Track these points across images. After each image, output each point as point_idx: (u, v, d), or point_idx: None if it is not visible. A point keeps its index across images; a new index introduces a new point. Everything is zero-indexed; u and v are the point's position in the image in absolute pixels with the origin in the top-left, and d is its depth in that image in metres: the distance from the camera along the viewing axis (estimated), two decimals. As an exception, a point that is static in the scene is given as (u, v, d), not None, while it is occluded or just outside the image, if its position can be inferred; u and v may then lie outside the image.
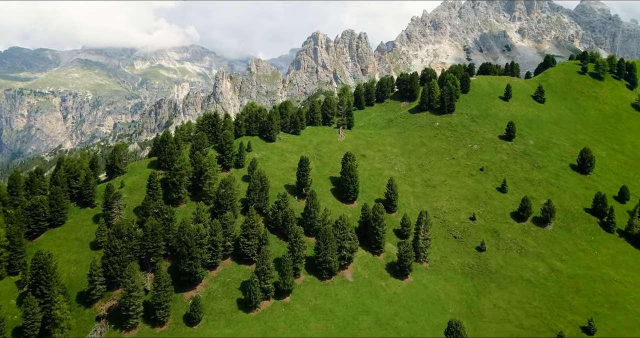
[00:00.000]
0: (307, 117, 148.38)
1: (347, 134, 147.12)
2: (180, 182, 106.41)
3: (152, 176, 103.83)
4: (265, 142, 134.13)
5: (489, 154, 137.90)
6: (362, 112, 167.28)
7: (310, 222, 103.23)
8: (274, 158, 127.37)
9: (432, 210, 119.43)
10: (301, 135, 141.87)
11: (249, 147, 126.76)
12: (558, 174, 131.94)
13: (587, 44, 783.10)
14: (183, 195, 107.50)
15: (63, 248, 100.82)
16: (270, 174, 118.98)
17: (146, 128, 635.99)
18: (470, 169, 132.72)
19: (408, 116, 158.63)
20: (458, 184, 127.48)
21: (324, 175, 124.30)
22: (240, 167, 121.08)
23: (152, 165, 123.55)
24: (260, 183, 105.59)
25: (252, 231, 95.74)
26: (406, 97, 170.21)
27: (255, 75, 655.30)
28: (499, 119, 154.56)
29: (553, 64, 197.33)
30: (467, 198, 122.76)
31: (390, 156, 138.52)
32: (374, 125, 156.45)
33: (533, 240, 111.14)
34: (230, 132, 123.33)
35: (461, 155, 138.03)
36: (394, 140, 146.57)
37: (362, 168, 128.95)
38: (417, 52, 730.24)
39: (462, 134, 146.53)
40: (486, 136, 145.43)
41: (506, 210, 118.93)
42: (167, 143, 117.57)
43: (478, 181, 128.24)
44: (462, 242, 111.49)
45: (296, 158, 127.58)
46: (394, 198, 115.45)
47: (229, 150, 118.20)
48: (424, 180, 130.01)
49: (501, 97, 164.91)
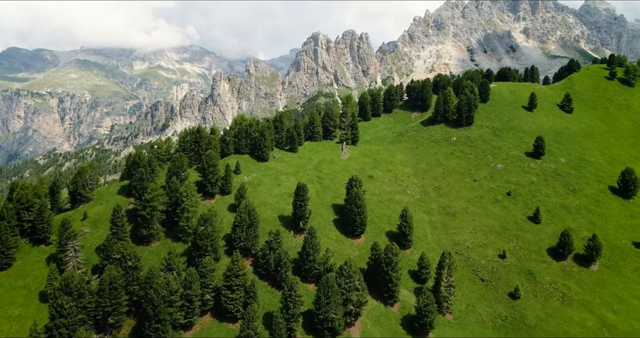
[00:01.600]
0: (306, 131, 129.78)
1: (351, 150, 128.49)
2: (152, 215, 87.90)
3: (117, 210, 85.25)
4: (257, 161, 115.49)
5: (516, 175, 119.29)
6: (367, 123, 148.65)
7: (308, 265, 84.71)
8: (266, 181, 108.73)
9: (454, 245, 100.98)
10: (299, 152, 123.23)
11: (238, 169, 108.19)
12: (597, 199, 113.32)
13: (593, 44, 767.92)
14: (155, 231, 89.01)
15: (6, 299, 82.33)
16: (261, 202, 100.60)
17: (142, 131, 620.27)
18: (496, 193, 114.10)
19: (420, 129, 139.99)
20: (482, 212, 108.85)
21: (326, 203, 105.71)
22: (227, 194, 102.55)
23: (123, 191, 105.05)
24: (248, 218, 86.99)
25: (236, 281, 77.22)
26: (417, 106, 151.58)
27: (254, 77, 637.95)
28: (524, 132, 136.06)
29: (577, 69, 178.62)
30: (494, 230, 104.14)
31: (402, 177, 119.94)
32: (382, 140, 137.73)
33: (577, 284, 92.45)
34: (215, 152, 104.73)
35: (484, 176, 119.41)
36: (405, 157, 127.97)
37: (370, 192, 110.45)
38: (419, 53, 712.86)
39: (483, 151, 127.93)
40: (511, 153, 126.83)
41: (542, 245, 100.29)
42: (139, 166, 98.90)
43: (505, 208, 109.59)
44: (491, 287, 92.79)
45: (293, 181, 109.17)
46: (409, 232, 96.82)
47: (213, 174, 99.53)
48: (441, 206, 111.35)
49: (524, 107, 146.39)
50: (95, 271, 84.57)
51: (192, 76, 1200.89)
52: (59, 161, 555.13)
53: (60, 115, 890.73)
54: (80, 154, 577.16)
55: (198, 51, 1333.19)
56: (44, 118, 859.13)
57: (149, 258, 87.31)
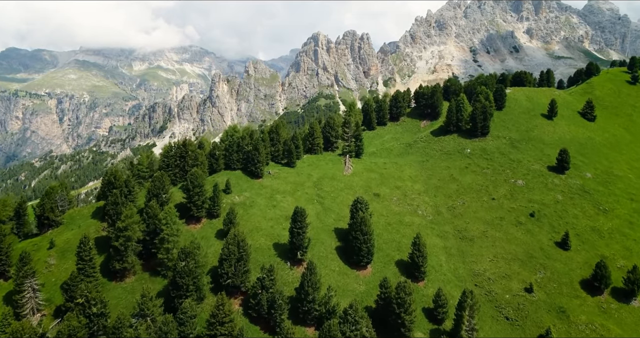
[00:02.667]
0: (305, 143, 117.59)
1: (355, 164, 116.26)
2: (127, 247, 75.79)
3: (84, 241, 73.08)
4: (250, 178, 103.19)
5: (539, 193, 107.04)
6: (372, 133, 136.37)
7: (307, 307, 72.54)
8: (260, 202, 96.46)
9: (472, 276, 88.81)
10: (297, 167, 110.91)
11: (228, 188, 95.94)
12: (631, 221, 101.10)
13: (597, 44, 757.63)
14: (130, 265, 76.85)
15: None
16: (254, 228, 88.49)
17: (140, 133, 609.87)
18: (518, 214, 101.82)
19: (430, 139, 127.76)
20: (504, 237, 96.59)
21: (327, 227, 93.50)
22: (215, 217, 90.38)
23: (97, 213, 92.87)
24: (237, 251, 74.81)
25: (221, 329, 65.08)
26: (427, 114, 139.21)
27: (253, 78, 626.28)
28: (545, 143, 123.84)
29: (597, 72, 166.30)
30: (518, 258, 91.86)
31: (412, 195, 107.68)
32: (389, 152, 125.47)
33: (617, 324, 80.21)
34: (202, 169, 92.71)
35: (503, 194, 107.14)
36: (414, 172, 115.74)
37: (377, 213, 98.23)
38: (421, 53, 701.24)
39: (501, 165, 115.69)
40: (532, 167, 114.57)
41: (573, 276, 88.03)
42: (115, 186, 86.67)
43: (530, 232, 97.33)
44: (517, 327, 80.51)
45: (290, 201, 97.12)
46: (422, 263, 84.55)
47: (199, 195, 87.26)
48: (457, 229, 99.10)
49: (544, 115, 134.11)
50: (58, 314, 72.48)
51: (191, 77, 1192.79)
52: (54, 164, 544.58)
53: (59, 116, 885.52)
54: (77, 157, 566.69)
55: (198, 51, 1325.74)
56: (42, 119, 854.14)
57: (122, 297, 75.28)
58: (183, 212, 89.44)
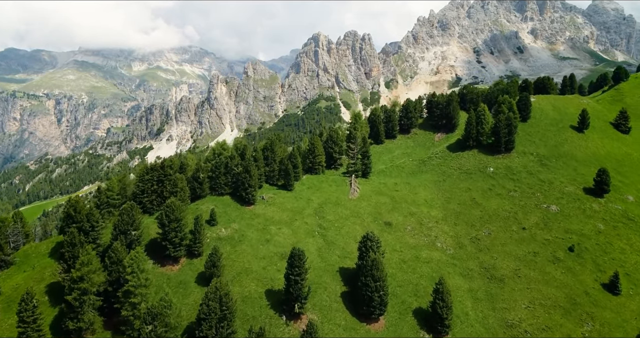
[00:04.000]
0: (305, 161, 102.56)
1: (362, 185, 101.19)
2: (82, 302, 60.84)
3: (26, 299, 58.02)
4: (240, 205, 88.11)
5: (577, 221, 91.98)
6: (380, 147, 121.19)
7: (307, 381, 57.71)
8: (251, 236, 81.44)
9: (505, 328, 73.82)
10: (295, 190, 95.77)
11: (213, 218, 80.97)
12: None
13: (602, 45, 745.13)
14: (87, 324, 61.76)
15: None
16: (242, 270, 73.61)
17: (137, 135, 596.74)
18: (554, 247, 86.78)
19: (447, 155, 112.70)
20: (540, 277, 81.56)
21: (331, 266, 78.51)
22: (196, 256, 75.41)
23: (56, 250, 77.85)
24: (219, 308, 59.81)
25: None
26: (441, 126, 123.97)
27: (252, 79, 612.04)
28: (577, 160, 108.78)
29: (626, 77, 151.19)
30: (559, 304, 76.83)
31: (429, 223, 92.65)
32: (400, 170, 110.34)
33: (688, 395, 65.36)
34: (181, 198, 77.47)
35: (535, 223, 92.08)
36: (430, 194, 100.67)
37: (389, 247, 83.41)
38: (423, 54, 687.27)
39: (530, 186, 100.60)
40: (565, 190, 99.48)
41: (628, 329, 72.99)
42: (75, 220, 71.47)
43: (570, 271, 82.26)
44: (565, 397, 65.72)
45: (286, 234, 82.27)
46: (447, 314, 69.57)
47: (177, 231, 72.28)
48: (483, 266, 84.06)
49: (573, 127, 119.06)
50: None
51: (191, 77, 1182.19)
52: (49, 167, 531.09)
53: (57, 117, 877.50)
54: (72, 160, 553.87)
55: (198, 52, 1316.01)
56: (40, 120, 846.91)
57: (75, 366, 60.32)
58: (159, 250, 74.70)
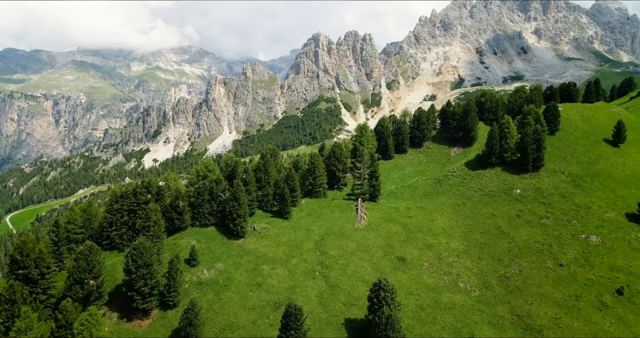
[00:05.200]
0: (304, 182, 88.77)
1: (370, 211, 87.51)
2: (17, 380, 47.23)
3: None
4: (227, 238, 74.51)
5: (623, 256, 78.40)
6: (389, 163, 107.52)
7: None
8: (239, 278, 67.83)
9: (549, 396, 60.29)
10: (292, 218, 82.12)
11: (193, 258, 67.37)
12: None
13: (607, 45, 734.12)
14: None
15: None
16: (227, 325, 59.95)
17: (133, 137, 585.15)
18: (599, 289, 73.22)
19: (466, 174, 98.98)
20: (585, 328, 67.99)
21: (334, 317, 64.86)
22: (171, 308, 61.80)
23: (2, 299, 64.19)
24: (192, 392, 46.20)
25: None
26: (457, 139, 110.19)
27: (251, 80, 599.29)
28: (615, 180, 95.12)
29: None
30: (613, 365, 63.49)
31: (449, 257, 79.06)
32: (412, 191, 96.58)
33: None
34: (148, 240, 63.71)
35: (573, 258, 78.48)
36: (449, 221, 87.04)
37: (405, 290, 69.93)
38: (425, 54, 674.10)
39: (564, 212, 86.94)
40: (605, 216, 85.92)
41: (700, 400, 59.68)
42: (20, 265, 57.84)
43: (622, 321, 68.69)
44: None
45: (282, 275, 68.66)
46: (479, 384, 56.21)
47: (146, 278, 58.72)
48: (516, 314, 70.49)
49: (607, 140, 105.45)
50: None
51: (191, 77, 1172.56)
52: (44, 170, 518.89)
53: (55, 118, 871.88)
54: (67, 163, 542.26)
55: (197, 52, 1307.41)
56: (37, 121, 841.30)
57: None
58: (127, 299, 61.18)
